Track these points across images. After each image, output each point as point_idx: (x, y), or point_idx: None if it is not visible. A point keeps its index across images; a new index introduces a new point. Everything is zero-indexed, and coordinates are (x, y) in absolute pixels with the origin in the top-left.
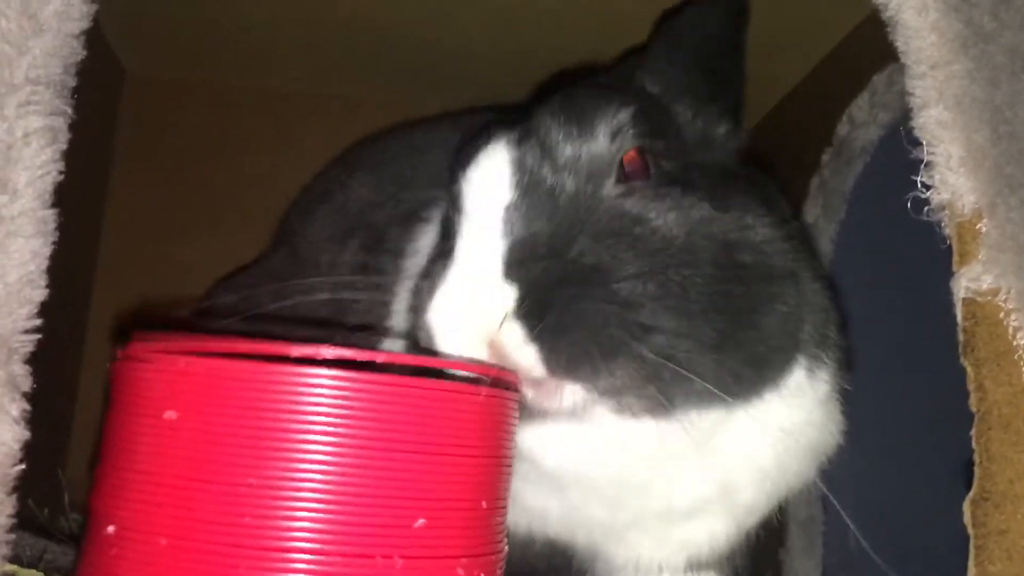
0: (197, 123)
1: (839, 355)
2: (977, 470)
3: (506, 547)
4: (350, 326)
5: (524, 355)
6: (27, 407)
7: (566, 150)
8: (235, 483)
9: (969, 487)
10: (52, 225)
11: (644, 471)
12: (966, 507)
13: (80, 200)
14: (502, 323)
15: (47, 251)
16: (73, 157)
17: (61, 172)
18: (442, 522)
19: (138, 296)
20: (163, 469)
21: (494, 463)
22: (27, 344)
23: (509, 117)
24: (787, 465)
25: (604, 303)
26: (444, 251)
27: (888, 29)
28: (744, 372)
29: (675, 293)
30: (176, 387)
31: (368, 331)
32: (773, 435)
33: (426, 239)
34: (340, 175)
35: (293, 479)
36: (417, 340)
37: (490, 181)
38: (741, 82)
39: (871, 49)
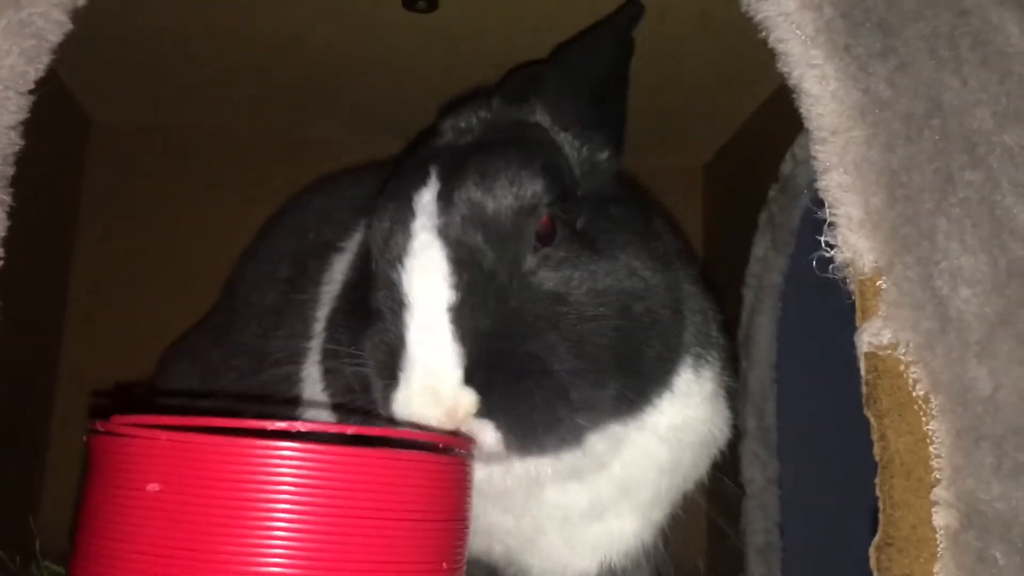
0: (163, 168)
1: (723, 354)
2: (881, 517)
3: None
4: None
5: (490, 443)
6: None
7: (490, 229)
8: (213, 550)
9: (875, 533)
10: None
11: (541, 489)
12: (872, 552)
13: (50, 246)
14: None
15: None
16: (43, 205)
17: (1, 258)
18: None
19: (107, 347)
20: (144, 538)
21: (453, 526)
22: None
23: (413, 169)
24: (681, 459)
25: (548, 392)
26: (381, 326)
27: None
28: (637, 392)
29: (590, 355)
30: (158, 461)
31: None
32: (666, 433)
33: (339, 270)
34: (270, 224)
35: (264, 545)
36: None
37: (428, 277)
38: (624, 110)
39: None
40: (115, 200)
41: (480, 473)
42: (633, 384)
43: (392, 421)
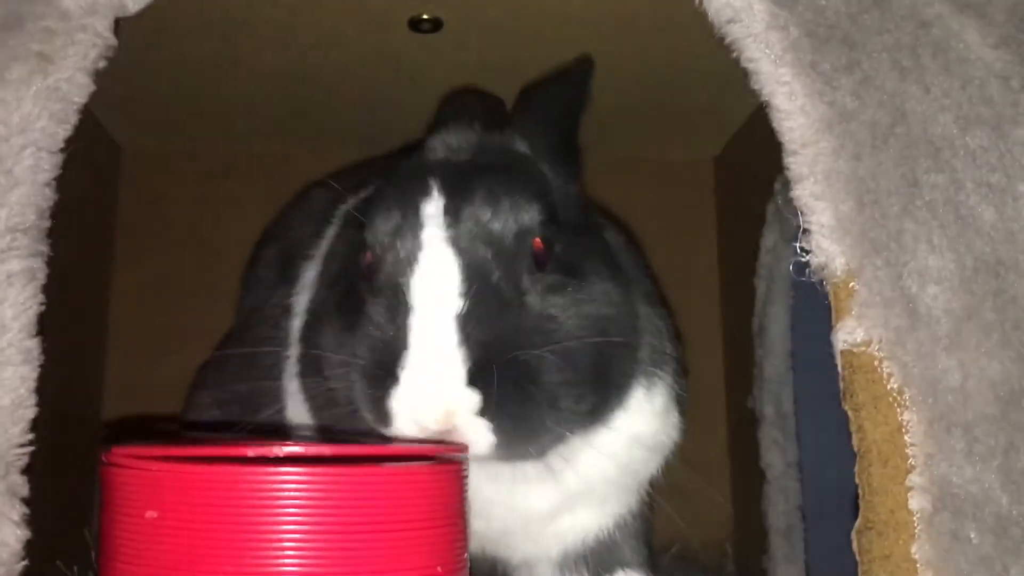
0: (191, 190)
1: (675, 366)
2: (861, 503)
3: None
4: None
5: (482, 444)
6: (26, 510)
7: (498, 246)
8: (210, 571)
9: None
10: (36, 352)
11: (507, 493)
12: (854, 536)
13: (90, 270)
14: (465, 414)
15: (34, 375)
16: (79, 233)
17: (42, 304)
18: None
19: (147, 361)
20: (147, 563)
21: (448, 531)
22: (22, 457)
23: (407, 180)
24: (633, 463)
25: (540, 399)
26: (377, 327)
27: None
28: (600, 409)
29: (574, 371)
30: (154, 490)
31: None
32: (620, 444)
33: (308, 278)
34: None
35: (265, 567)
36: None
37: (439, 282)
38: (580, 152)
39: None
40: (147, 221)
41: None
42: (602, 399)
43: (379, 423)
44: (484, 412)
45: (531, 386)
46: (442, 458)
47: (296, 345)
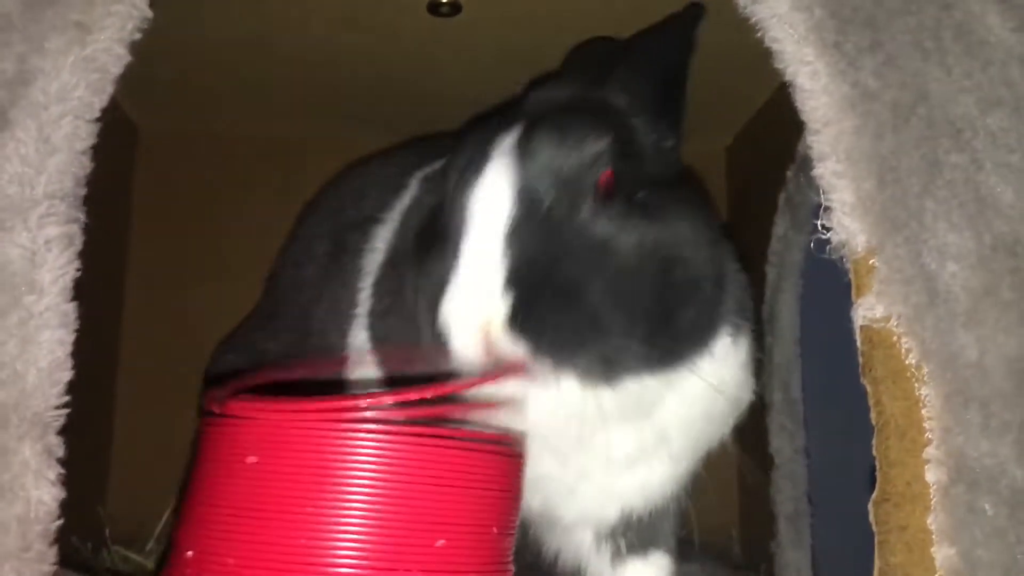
0: (206, 171)
1: (756, 328)
2: (879, 475)
3: (512, 567)
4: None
5: (519, 350)
6: (62, 471)
7: (558, 174)
8: (294, 513)
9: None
10: (73, 316)
11: (588, 431)
12: (871, 507)
13: (106, 247)
14: (499, 324)
15: (70, 339)
16: (98, 209)
17: (78, 270)
18: (458, 543)
19: (162, 342)
20: (239, 503)
21: (505, 496)
22: (59, 418)
23: (496, 124)
24: (712, 416)
25: (576, 313)
26: (442, 250)
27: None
28: (677, 349)
29: (626, 302)
30: (259, 438)
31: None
32: (702, 391)
33: (381, 239)
34: (304, 213)
35: (339, 510)
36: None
37: (493, 202)
38: (685, 103)
39: None
40: (163, 202)
41: (539, 411)
42: (665, 341)
43: (433, 337)
44: (518, 324)
45: (572, 304)
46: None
47: (367, 301)
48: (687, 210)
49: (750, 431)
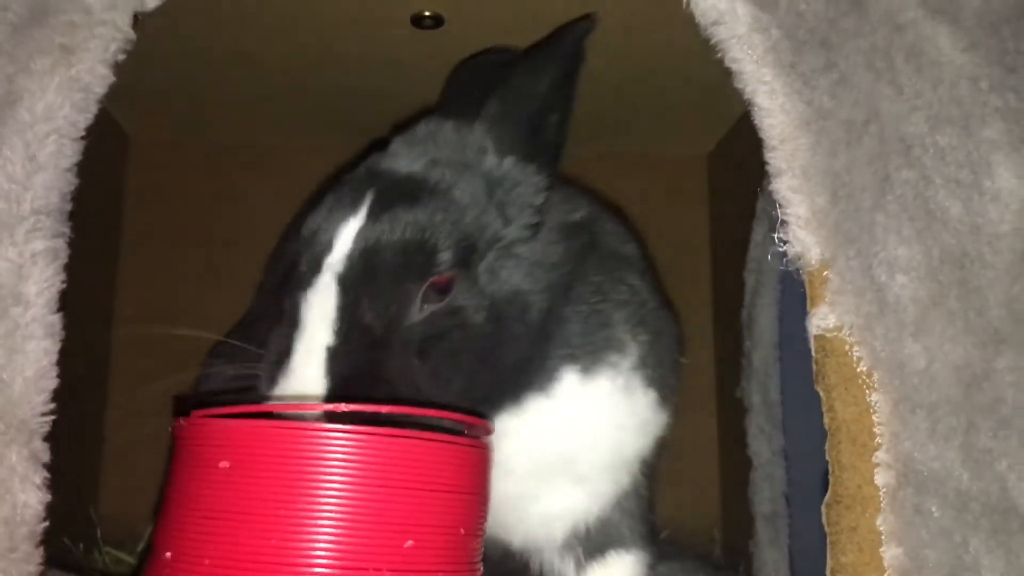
0: (198, 179)
1: (642, 351)
2: (831, 478)
3: (481, 568)
4: None
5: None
6: (47, 475)
7: (384, 288)
8: (267, 515)
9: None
10: (59, 327)
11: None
12: (823, 509)
13: (98, 253)
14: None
15: (56, 348)
16: (86, 220)
17: (64, 282)
18: (427, 544)
19: (153, 347)
20: (212, 506)
21: (472, 499)
22: (44, 425)
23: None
24: (579, 452)
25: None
26: (283, 331)
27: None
28: (497, 395)
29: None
30: (228, 444)
31: None
32: (546, 427)
33: None
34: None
35: (309, 513)
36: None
37: (320, 315)
38: (567, 125)
39: None
40: (154, 210)
41: None
42: (485, 389)
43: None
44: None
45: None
46: (474, 435)
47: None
48: (526, 267)
49: (730, 433)
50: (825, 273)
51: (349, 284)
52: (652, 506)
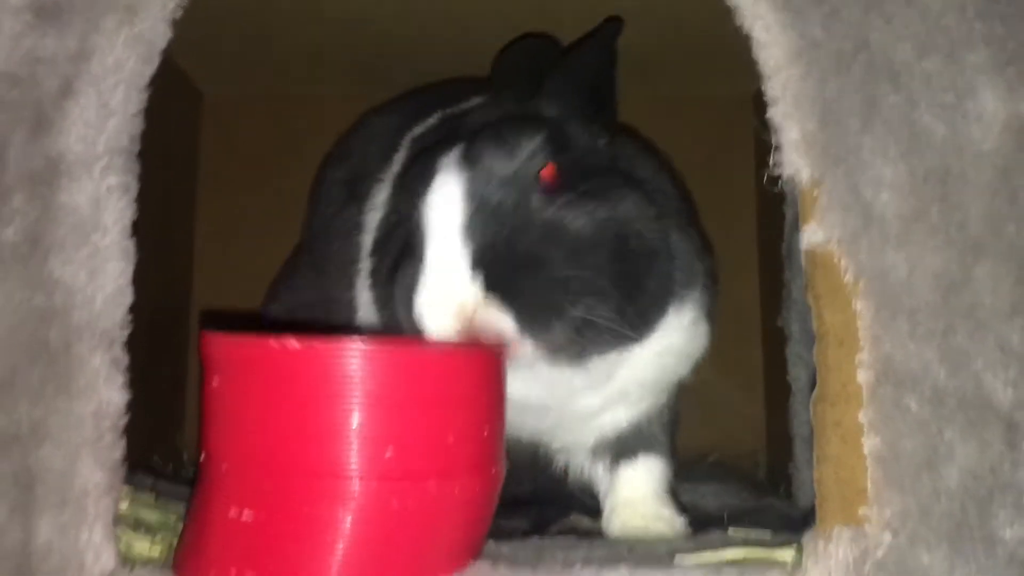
0: (265, 132)
1: (704, 280)
2: (818, 379)
3: (504, 467)
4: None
5: (501, 324)
6: (125, 378)
7: (500, 172)
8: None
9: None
10: (132, 251)
11: (560, 397)
12: (811, 406)
13: (178, 203)
14: (476, 307)
15: (130, 270)
16: (168, 170)
17: (135, 212)
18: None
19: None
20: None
21: (493, 402)
22: (123, 335)
23: (440, 146)
24: (664, 371)
25: (546, 283)
26: (410, 258)
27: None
28: (637, 321)
29: (588, 275)
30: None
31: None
32: (653, 357)
33: (380, 197)
34: (325, 159)
35: (337, 428)
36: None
37: (446, 206)
38: (614, 105)
39: None
40: (227, 166)
41: (520, 389)
42: (631, 312)
43: (418, 331)
44: (493, 300)
45: (536, 276)
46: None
47: (368, 259)
48: (628, 192)
49: (773, 361)
50: (815, 192)
51: (470, 183)
52: (677, 421)
